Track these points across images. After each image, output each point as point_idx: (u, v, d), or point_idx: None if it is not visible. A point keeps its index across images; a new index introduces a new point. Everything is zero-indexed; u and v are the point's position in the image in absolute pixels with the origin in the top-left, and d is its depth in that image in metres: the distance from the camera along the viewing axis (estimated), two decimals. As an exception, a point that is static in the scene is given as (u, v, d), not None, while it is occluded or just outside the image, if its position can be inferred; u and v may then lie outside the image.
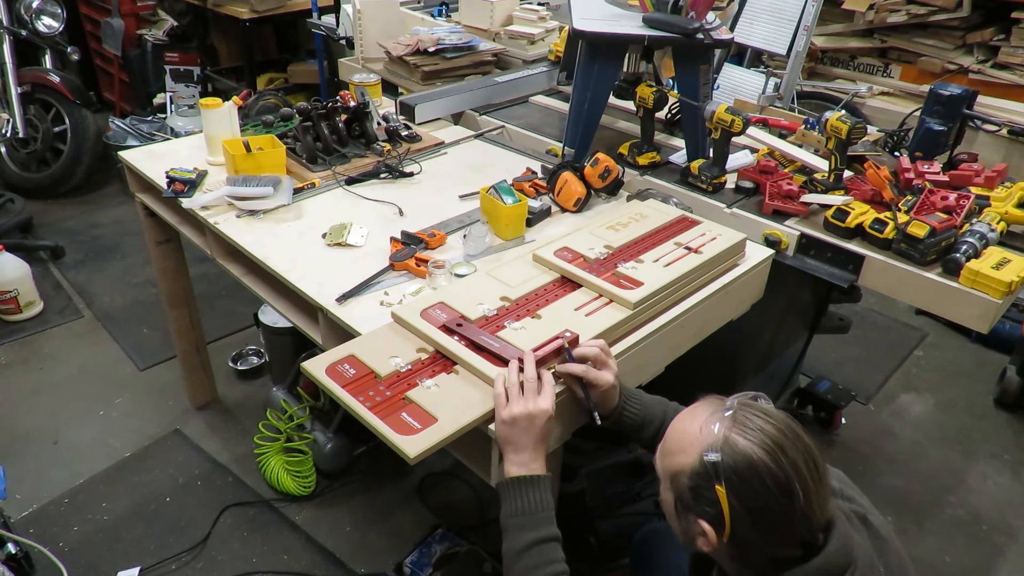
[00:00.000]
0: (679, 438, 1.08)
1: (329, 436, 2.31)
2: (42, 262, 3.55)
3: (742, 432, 1.01)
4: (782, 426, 1.02)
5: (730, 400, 1.07)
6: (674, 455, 1.07)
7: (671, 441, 1.09)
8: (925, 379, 3.00)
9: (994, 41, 3.40)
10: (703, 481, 1.01)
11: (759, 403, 1.07)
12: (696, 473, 1.02)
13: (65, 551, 2.12)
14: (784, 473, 0.98)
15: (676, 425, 1.11)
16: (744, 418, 1.02)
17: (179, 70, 4.77)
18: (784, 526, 1.00)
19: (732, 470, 0.99)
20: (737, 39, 2.58)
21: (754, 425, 1.01)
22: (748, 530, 1.00)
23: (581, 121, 1.99)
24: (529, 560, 1.13)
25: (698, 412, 1.08)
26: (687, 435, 1.06)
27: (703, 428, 1.04)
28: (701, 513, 1.03)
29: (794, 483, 0.98)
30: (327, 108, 2.05)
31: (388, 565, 2.12)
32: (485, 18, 2.97)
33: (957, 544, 2.29)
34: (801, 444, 1.01)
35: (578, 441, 1.49)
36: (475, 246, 1.64)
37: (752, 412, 1.03)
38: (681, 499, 1.06)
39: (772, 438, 0.99)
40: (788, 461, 0.98)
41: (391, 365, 1.27)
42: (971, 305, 1.54)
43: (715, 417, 1.04)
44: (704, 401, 1.11)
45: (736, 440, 1.00)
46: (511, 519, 1.17)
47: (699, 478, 1.02)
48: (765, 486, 0.97)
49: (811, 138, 1.95)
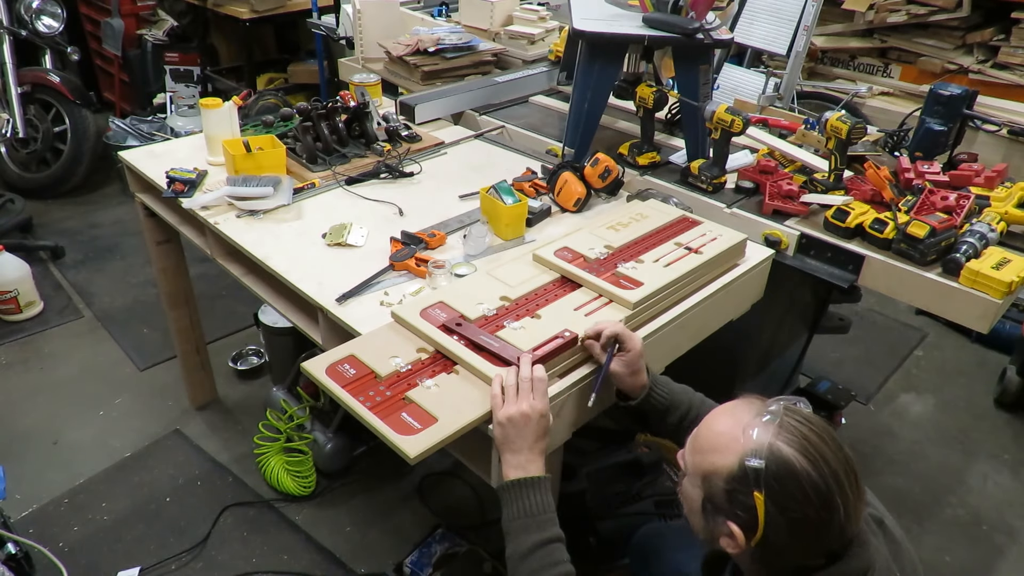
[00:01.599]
0: (717, 437, 1.04)
1: (329, 436, 2.31)
2: (42, 262, 3.55)
3: (787, 440, 0.97)
4: (826, 436, 0.99)
5: (774, 404, 1.03)
6: (710, 454, 1.03)
7: (707, 439, 1.06)
8: (925, 379, 3.00)
9: (994, 41, 3.39)
10: (741, 486, 0.98)
11: (801, 408, 1.04)
12: (734, 477, 0.99)
13: (65, 551, 2.11)
14: (826, 485, 0.96)
15: (714, 423, 1.07)
16: (790, 425, 0.99)
17: (179, 70, 4.77)
18: (820, 537, 0.99)
19: (774, 478, 0.96)
20: (737, 39, 2.58)
21: (799, 433, 0.98)
22: (781, 538, 0.97)
23: (581, 121, 1.99)
24: (534, 563, 1.13)
25: (739, 412, 1.05)
26: (726, 436, 1.02)
27: (745, 431, 1.00)
28: (732, 516, 1.00)
29: (835, 497, 0.96)
30: (327, 108, 2.05)
31: (388, 565, 2.12)
32: (485, 18, 2.97)
33: (957, 544, 2.29)
34: (843, 456, 0.99)
35: (578, 441, 1.48)
36: (475, 246, 1.64)
37: (797, 419, 1.00)
38: (712, 499, 1.03)
39: (817, 448, 0.97)
40: (831, 473, 0.96)
41: (391, 365, 1.27)
42: (971, 305, 1.54)
43: (759, 421, 1.01)
44: (744, 401, 1.07)
45: (781, 448, 0.97)
46: (513, 522, 1.16)
47: (737, 482, 0.99)
48: (806, 497, 0.95)
49: (811, 138, 1.95)
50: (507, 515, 1.17)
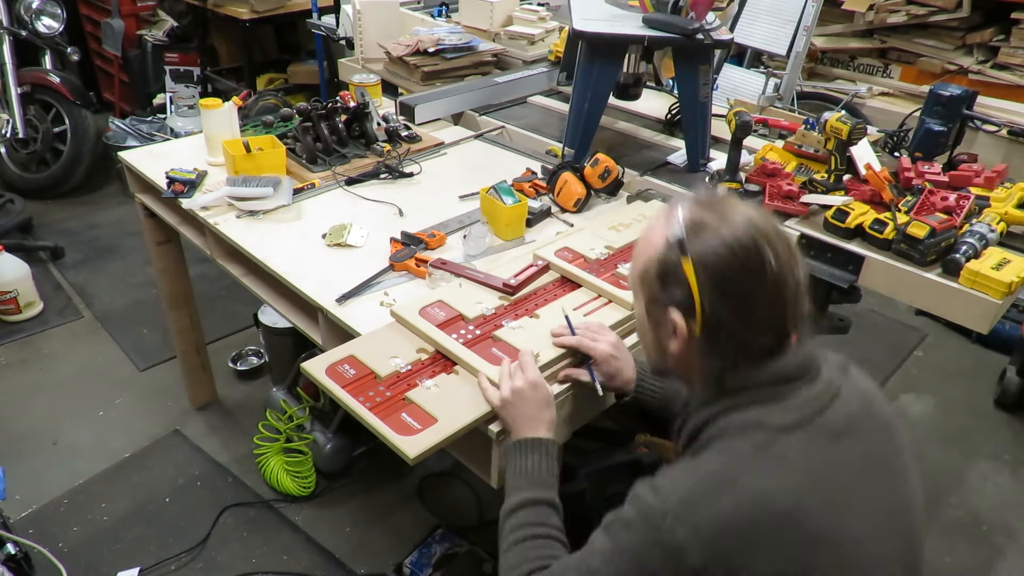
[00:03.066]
0: (645, 237, 1.04)
1: (329, 436, 2.31)
2: (42, 262, 3.54)
3: (704, 209, 0.97)
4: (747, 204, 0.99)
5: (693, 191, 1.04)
6: (641, 255, 1.03)
7: (639, 246, 1.05)
8: (925, 379, 3.00)
9: (994, 42, 3.40)
10: (669, 263, 0.96)
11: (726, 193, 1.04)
12: (662, 258, 0.98)
13: (65, 551, 2.11)
14: (752, 240, 0.93)
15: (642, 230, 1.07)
16: (705, 199, 0.99)
17: (179, 70, 4.77)
18: (755, 298, 0.94)
19: (696, 241, 0.94)
20: (737, 39, 2.58)
21: (713, 201, 0.98)
22: (718, 306, 0.94)
23: (581, 121, 1.99)
24: (519, 519, 1.11)
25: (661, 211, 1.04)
26: (651, 231, 1.02)
27: (665, 218, 1.00)
28: (671, 303, 0.98)
29: (764, 248, 0.93)
30: (327, 108, 2.05)
31: (388, 565, 2.12)
32: (485, 18, 2.97)
33: (957, 544, 2.29)
34: (772, 220, 0.97)
35: (578, 441, 1.48)
36: (475, 246, 1.64)
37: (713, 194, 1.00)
38: (651, 297, 1.01)
39: (740, 212, 0.96)
40: (758, 231, 0.94)
41: (391, 365, 1.27)
42: (971, 305, 1.54)
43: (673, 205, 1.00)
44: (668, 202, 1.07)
45: (701, 215, 0.96)
46: (509, 480, 1.16)
47: (665, 263, 0.97)
48: (732, 253, 0.93)
49: (811, 138, 1.95)
50: (507, 475, 1.16)
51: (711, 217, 0.96)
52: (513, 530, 1.10)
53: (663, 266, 0.98)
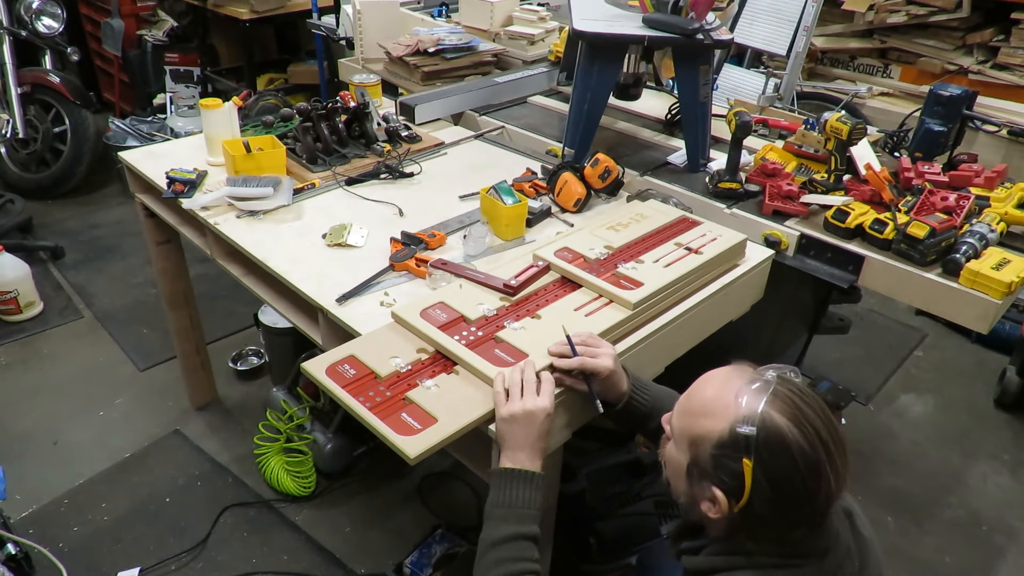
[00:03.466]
0: (708, 402, 1.03)
1: (329, 436, 2.31)
2: (42, 262, 3.55)
3: (779, 408, 0.97)
4: (816, 407, 0.99)
5: (767, 372, 1.03)
6: (700, 418, 1.03)
7: (698, 403, 1.05)
8: (925, 379, 3.00)
9: (994, 42, 3.40)
10: (730, 451, 0.97)
11: (793, 378, 1.04)
12: (723, 443, 0.98)
13: (65, 551, 2.11)
14: (816, 456, 0.95)
15: (706, 388, 1.06)
16: (782, 393, 0.99)
17: (179, 71, 4.77)
18: (803, 509, 0.98)
19: (764, 446, 0.95)
20: (737, 39, 2.58)
21: (791, 402, 0.98)
22: (765, 506, 0.97)
23: (581, 121, 1.99)
24: (502, 553, 1.12)
25: (731, 378, 1.04)
26: (718, 401, 1.01)
27: (737, 397, 0.99)
28: (717, 481, 0.99)
29: (824, 467, 0.96)
30: (327, 108, 2.05)
31: (388, 565, 2.12)
32: (485, 18, 2.97)
33: (957, 544, 2.29)
34: (834, 429, 0.99)
35: (578, 441, 1.48)
36: (475, 246, 1.64)
37: (789, 388, 1.00)
38: (698, 464, 1.02)
39: (807, 418, 0.97)
40: (821, 444, 0.96)
41: (391, 365, 1.27)
42: (971, 305, 1.54)
43: (750, 388, 1.00)
44: (736, 368, 1.06)
45: (772, 416, 0.96)
46: (496, 508, 1.16)
47: (726, 448, 0.98)
48: (795, 468, 0.95)
49: (811, 138, 1.95)
50: (491, 500, 1.17)
51: (784, 423, 0.96)
52: (498, 563, 1.12)
53: (722, 449, 0.99)
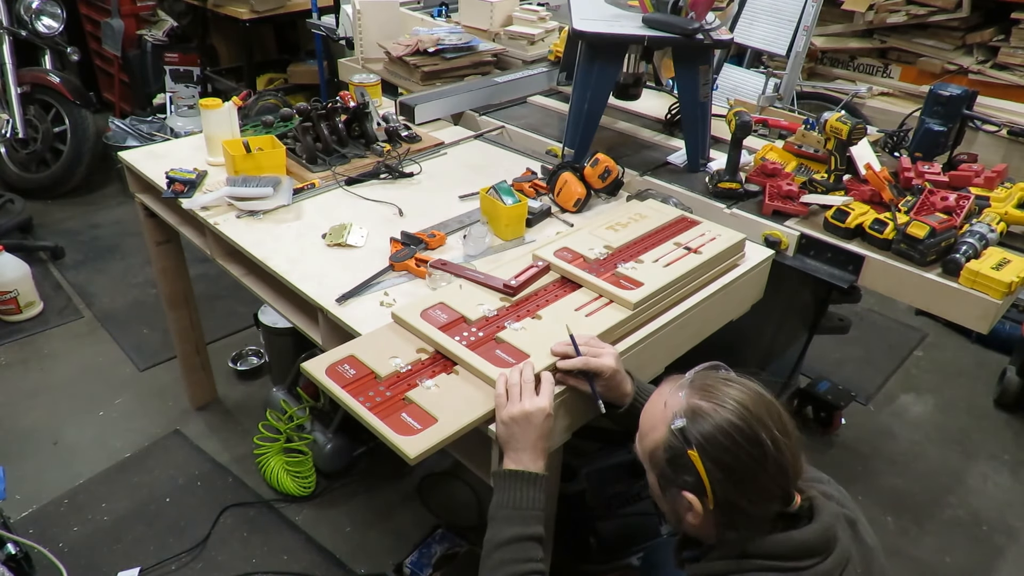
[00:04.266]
0: (648, 418, 1.12)
1: (329, 436, 2.31)
2: (42, 262, 3.55)
3: (703, 396, 1.05)
4: (741, 386, 1.06)
5: (689, 373, 1.11)
6: (647, 435, 1.11)
7: (643, 423, 1.13)
8: (925, 379, 3.00)
9: (994, 42, 3.40)
10: (676, 451, 1.04)
11: (720, 372, 1.11)
12: (668, 445, 1.06)
13: (65, 551, 2.11)
14: (748, 426, 1.01)
15: (646, 408, 1.15)
16: (703, 384, 1.08)
17: (179, 70, 4.77)
18: (760, 478, 1.02)
19: (699, 432, 1.02)
20: (737, 39, 2.58)
21: (714, 388, 1.06)
22: (727, 489, 1.02)
23: (581, 121, 1.99)
24: (507, 554, 1.14)
25: (660, 390, 1.13)
26: (654, 413, 1.11)
27: (668, 402, 1.08)
28: (682, 484, 1.05)
29: (760, 433, 1.01)
30: (327, 108, 2.05)
31: (388, 565, 2.12)
32: (485, 18, 2.97)
33: (957, 544, 2.29)
34: (763, 399, 1.05)
35: (578, 441, 1.48)
36: (475, 246, 1.64)
37: (711, 378, 1.09)
38: (662, 476, 1.09)
39: (732, 396, 1.04)
40: (751, 415, 1.02)
41: (391, 365, 1.27)
42: (971, 305, 1.54)
43: (676, 388, 1.09)
44: (666, 381, 1.15)
45: (698, 404, 1.05)
46: (500, 510, 1.17)
47: (671, 449, 1.05)
48: (734, 441, 1.01)
49: (811, 138, 1.95)
50: (496, 502, 1.18)
51: (707, 405, 1.04)
52: (503, 564, 1.14)
53: (670, 452, 1.06)
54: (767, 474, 1.02)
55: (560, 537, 1.53)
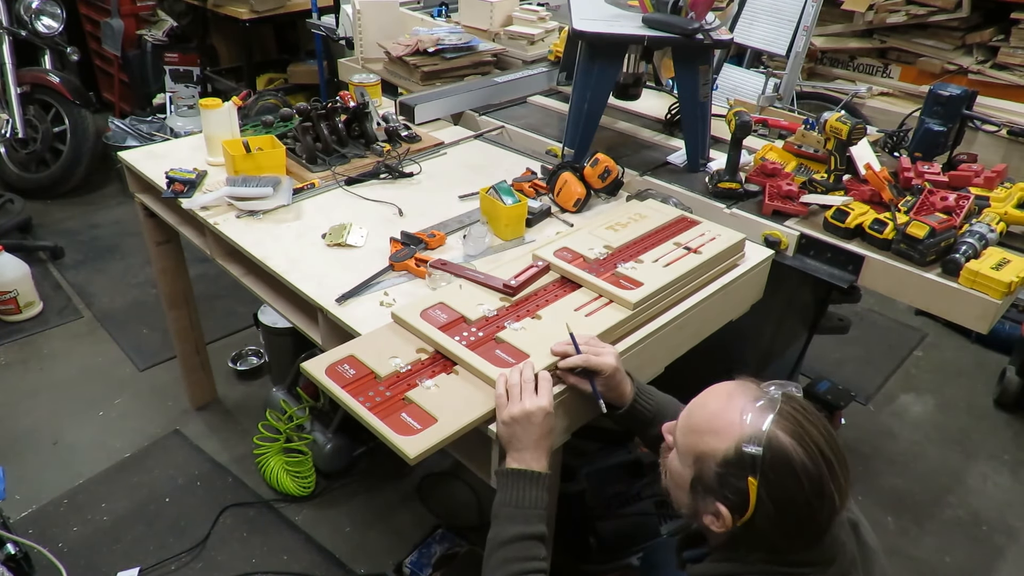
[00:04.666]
0: (713, 419, 1.04)
1: (329, 436, 2.31)
2: (41, 262, 3.54)
3: (784, 428, 0.98)
4: (820, 425, 1.00)
5: (771, 389, 1.03)
6: (705, 435, 1.04)
7: (703, 420, 1.06)
8: (925, 379, 3.00)
9: (993, 42, 3.40)
10: (735, 470, 0.99)
11: (796, 395, 1.04)
12: (729, 461, 0.99)
13: (64, 551, 2.11)
14: (819, 475, 0.97)
15: (709, 404, 1.07)
16: (787, 412, 1.00)
17: (179, 70, 4.77)
18: (805, 527, 1.00)
19: (770, 465, 0.96)
20: (737, 39, 2.58)
21: (795, 421, 0.99)
22: (767, 523, 0.99)
23: (581, 121, 1.99)
24: (509, 552, 1.14)
25: (736, 396, 1.05)
26: (722, 418, 1.03)
27: (742, 415, 1.01)
28: (721, 498, 1.01)
29: (828, 485, 0.97)
30: (327, 108, 2.05)
31: (388, 565, 2.12)
32: (485, 18, 2.97)
33: (957, 544, 2.29)
34: (836, 446, 1.00)
35: (578, 441, 1.49)
36: (475, 246, 1.64)
37: (793, 406, 1.01)
38: (702, 480, 1.03)
39: (812, 437, 0.98)
40: (826, 464, 0.97)
41: (391, 365, 1.27)
42: (971, 305, 1.54)
43: (755, 406, 1.01)
44: (740, 384, 1.07)
45: (779, 436, 0.97)
46: (502, 508, 1.17)
47: (731, 466, 0.99)
48: (800, 485, 0.96)
49: (811, 138, 1.95)
50: (499, 500, 1.18)
51: (790, 443, 0.97)
52: (506, 562, 1.13)
53: (727, 467, 1.00)
54: (814, 525, 1.00)
55: (560, 537, 1.53)
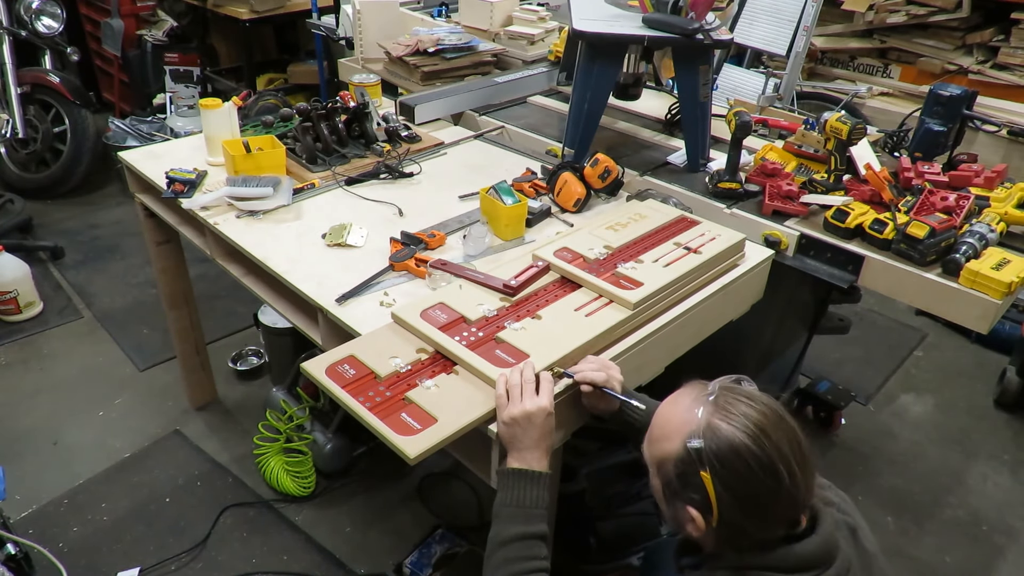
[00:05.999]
0: (663, 425, 1.08)
1: (329, 437, 2.31)
2: (42, 263, 3.55)
3: (724, 417, 1.01)
4: (765, 409, 1.02)
5: (712, 384, 1.07)
6: (659, 442, 1.08)
7: (656, 428, 1.10)
8: (925, 379, 3.00)
9: (994, 42, 3.40)
10: (688, 467, 1.01)
11: (742, 386, 1.07)
12: (680, 460, 1.02)
13: (65, 551, 2.11)
14: (767, 456, 0.98)
15: (660, 412, 1.11)
16: (726, 403, 1.03)
17: (179, 70, 4.77)
18: (770, 508, 1.01)
19: (715, 455, 0.99)
20: (737, 39, 2.58)
21: (736, 410, 1.01)
22: (735, 514, 1.00)
23: (581, 121, 1.99)
24: (511, 552, 1.14)
25: (680, 398, 1.09)
26: (670, 422, 1.07)
27: (685, 414, 1.04)
28: (688, 500, 1.03)
29: (778, 465, 0.98)
30: (327, 108, 2.05)
31: (388, 565, 2.12)
32: (485, 18, 2.97)
33: (957, 544, 2.29)
34: (784, 425, 1.02)
35: (578, 441, 1.49)
36: (475, 246, 1.64)
37: (734, 396, 1.04)
38: (668, 486, 1.06)
39: (754, 421, 1.00)
40: (771, 444, 0.99)
41: (391, 365, 1.27)
42: (971, 305, 1.54)
43: (697, 402, 1.05)
44: (687, 387, 1.11)
45: (718, 425, 1.00)
46: (504, 508, 1.17)
47: (684, 464, 1.02)
48: (749, 470, 0.98)
49: (811, 138, 1.95)
50: (500, 500, 1.18)
51: (728, 429, 1.00)
52: (507, 562, 1.14)
53: (681, 467, 1.03)
54: (779, 504, 1.00)
55: (560, 537, 1.53)
